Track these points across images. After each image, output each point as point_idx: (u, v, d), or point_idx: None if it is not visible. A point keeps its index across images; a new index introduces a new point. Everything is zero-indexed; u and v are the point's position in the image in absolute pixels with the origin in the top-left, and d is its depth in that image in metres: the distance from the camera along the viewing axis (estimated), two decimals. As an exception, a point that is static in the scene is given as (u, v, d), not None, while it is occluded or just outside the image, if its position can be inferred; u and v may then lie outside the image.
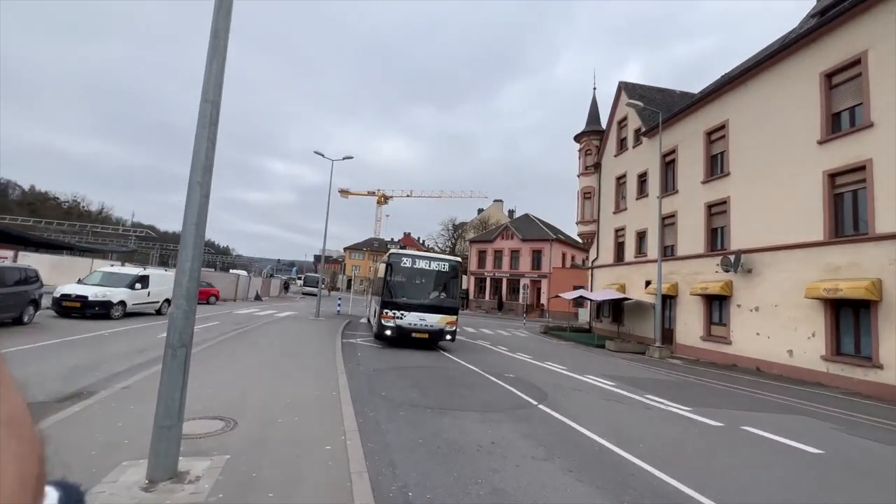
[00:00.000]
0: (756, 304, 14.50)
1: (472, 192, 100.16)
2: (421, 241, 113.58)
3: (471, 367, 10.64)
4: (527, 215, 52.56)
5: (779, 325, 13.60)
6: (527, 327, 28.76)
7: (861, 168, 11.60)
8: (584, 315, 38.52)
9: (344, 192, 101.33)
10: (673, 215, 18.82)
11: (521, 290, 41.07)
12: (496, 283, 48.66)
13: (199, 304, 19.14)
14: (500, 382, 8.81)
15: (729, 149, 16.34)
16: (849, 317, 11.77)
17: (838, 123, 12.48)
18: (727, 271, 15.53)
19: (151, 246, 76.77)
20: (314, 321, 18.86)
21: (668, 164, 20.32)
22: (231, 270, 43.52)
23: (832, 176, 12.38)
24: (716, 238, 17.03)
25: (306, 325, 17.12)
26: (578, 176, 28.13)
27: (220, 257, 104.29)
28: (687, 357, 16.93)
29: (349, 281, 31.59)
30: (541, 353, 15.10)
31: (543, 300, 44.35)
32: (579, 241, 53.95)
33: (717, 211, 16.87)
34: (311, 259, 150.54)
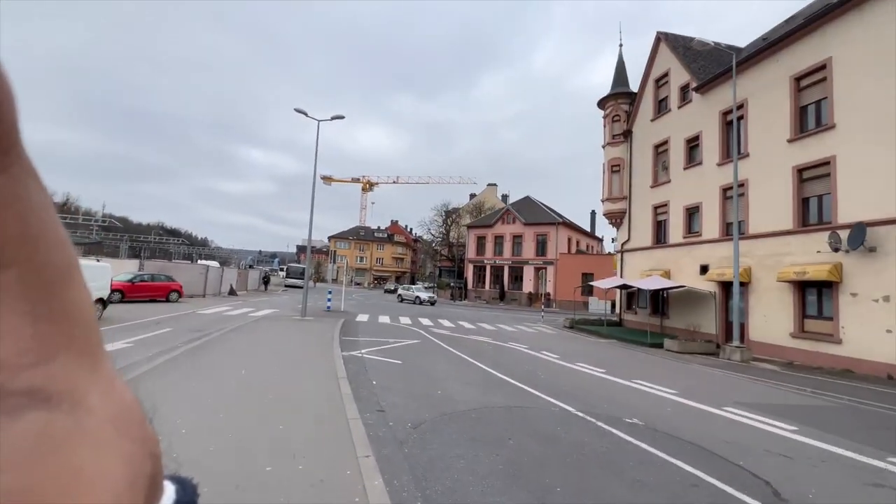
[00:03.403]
0: (885, 293, 11.15)
1: (460, 177, 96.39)
2: (409, 230, 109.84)
3: (558, 402, 6.88)
4: (528, 198, 48.91)
5: (926, 321, 10.28)
6: (545, 320, 25.27)
7: None
8: (595, 305, 35.46)
9: (327, 179, 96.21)
10: (742, 185, 15.29)
11: (537, 278, 37.55)
12: (497, 270, 45.11)
13: (156, 301, 14.15)
14: (645, 447, 5.07)
15: (833, 95, 12.80)
16: None
17: None
18: (837, 251, 12.14)
19: (119, 237, 70.72)
20: (300, 322, 14.83)
21: (730, 123, 16.76)
22: (199, 261, 38.68)
23: None
24: (808, 210, 13.61)
25: (290, 329, 13.11)
26: (604, 146, 24.46)
27: (196, 249, 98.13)
28: (773, 359, 13.59)
29: (338, 271, 27.62)
30: (604, 363, 11.49)
31: (549, 288, 40.99)
32: (578, 224, 50.76)
33: (812, 175, 13.41)
34: (294, 250, 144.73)
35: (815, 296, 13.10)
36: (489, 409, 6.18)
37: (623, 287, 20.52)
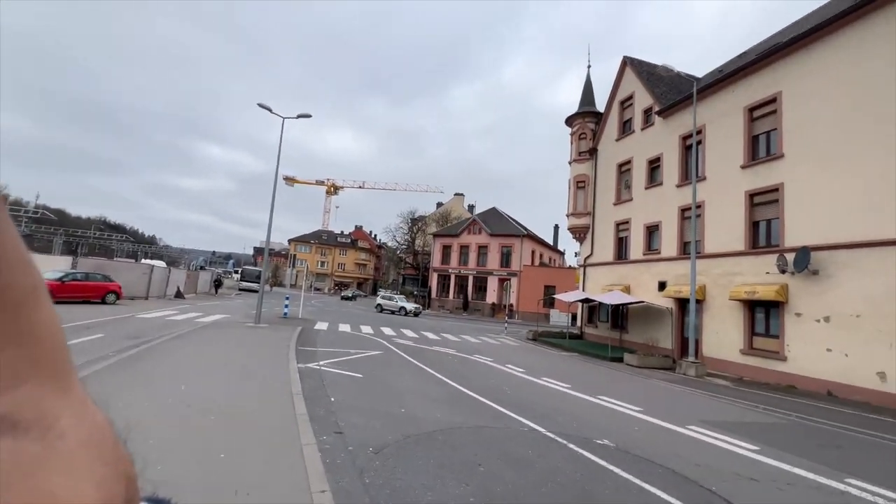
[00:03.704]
0: (825, 314, 11.87)
1: (427, 185, 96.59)
2: (373, 236, 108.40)
3: (527, 422, 6.61)
4: (494, 209, 49.43)
5: (862, 341, 11.00)
6: (508, 332, 25.29)
7: None
8: (556, 317, 35.99)
9: (290, 180, 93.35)
10: (699, 206, 15.99)
11: (501, 289, 37.65)
12: (462, 280, 45.05)
13: (90, 303, 12.53)
14: (619, 472, 4.88)
15: (782, 126, 13.68)
16: (976, 333, 9.26)
17: (958, 89, 9.96)
18: (784, 272, 12.84)
19: (54, 231, 64.73)
20: (253, 330, 13.85)
21: (689, 147, 17.60)
22: (144, 260, 35.94)
23: (949, 155, 9.85)
24: (759, 233, 14.39)
25: (241, 337, 12.17)
26: (570, 163, 25.06)
27: (142, 246, 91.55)
28: (724, 374, 14.14)
29: (297, 275, 26.04)
30: (568, 377, 11.46)
31: (512, 299, 41.33)
32: (542, 237, 51.88)
33: (763, 201, 14.21)
34: (251, 252, 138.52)
35: (764, 314, 13.79)
36: (457, 430, 5.82)
37: (585, 301, 20.87)
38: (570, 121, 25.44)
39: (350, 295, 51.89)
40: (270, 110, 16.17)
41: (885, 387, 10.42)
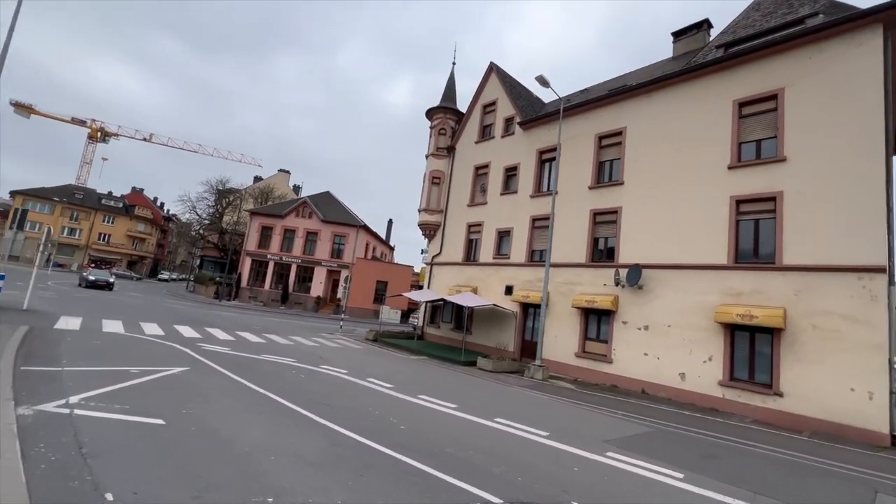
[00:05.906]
0: (645, 323, 13.80)
1: (242, 155, 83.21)
2: (160, 204, 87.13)
3: (464, 484, 4.57)
4: (328, 193, 45.07)
5: (670, 347, 13.09)
6: (344, 330, 22.50)
7: (771, 199, 11.90)
8: (387, 314, 34.82)
9: (24, 109, 66.09)
10: (549, 217, 17.03)
11: (329, 281, 33.49)
12: (282, 268, 39.22)
13: None
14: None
15: (624, 157, 15.58)
16: (745, 342, 11.88)
17: (751, 151, 12.73)
18: (618, 285, 14.50)
19: None
20: None
21: (545, 162, 18.79)
22: None
23: (739, 202, 12.50)
24: (598, 248, 16.06)
25: None
26: (427, 157, 24.09)
27: None
28: (563, 376, 15.18)
29: (25, 243, 16.66)
30: (445, 393, 9.99)
31: (339, 293, 38.19)
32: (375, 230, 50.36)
33: (604, 220, 15.90)
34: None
35: (596, 321, 15.39)
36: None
37: (439, 301, 20.05)
38: (430, 114, 24.50)
39: (107, 280, 28.03)
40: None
41: (683, 385, 12.59)
